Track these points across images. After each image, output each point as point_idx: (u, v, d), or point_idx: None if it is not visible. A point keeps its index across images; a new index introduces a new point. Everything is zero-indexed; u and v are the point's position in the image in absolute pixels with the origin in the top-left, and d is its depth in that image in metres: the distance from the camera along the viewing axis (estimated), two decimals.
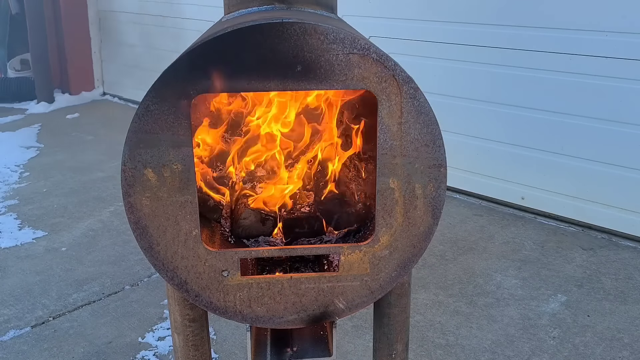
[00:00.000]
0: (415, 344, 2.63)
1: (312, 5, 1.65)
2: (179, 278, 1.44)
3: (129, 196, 1.37)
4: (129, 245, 3.58)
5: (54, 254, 3.51)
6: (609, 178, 3.57)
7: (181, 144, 1.35)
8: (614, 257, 3.38)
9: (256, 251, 1.51)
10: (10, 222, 3.92)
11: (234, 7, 1.70)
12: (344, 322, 2.79)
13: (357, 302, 1.51)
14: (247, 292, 1.47)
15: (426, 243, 1.48)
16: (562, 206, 3.80)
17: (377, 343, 1.69)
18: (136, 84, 6.72)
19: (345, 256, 1.46)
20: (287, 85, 1.33)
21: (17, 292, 3.12)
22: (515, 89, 3.86)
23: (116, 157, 5.07)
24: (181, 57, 1.31)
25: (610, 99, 3.47)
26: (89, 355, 2.63)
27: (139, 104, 1.32)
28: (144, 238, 1.41)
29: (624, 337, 2.69)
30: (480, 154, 4.12)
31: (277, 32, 1.29)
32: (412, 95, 1.36)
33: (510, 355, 2.58)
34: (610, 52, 3.41)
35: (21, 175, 4.77)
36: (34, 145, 5.56)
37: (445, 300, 2.99)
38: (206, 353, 1.64)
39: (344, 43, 1.31)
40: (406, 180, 1.42)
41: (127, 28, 6.85)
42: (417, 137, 1.39)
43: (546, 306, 2.93)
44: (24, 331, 2.80)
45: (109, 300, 3.06)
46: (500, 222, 3.85)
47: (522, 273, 3.23)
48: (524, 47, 3.75)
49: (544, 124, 3.78)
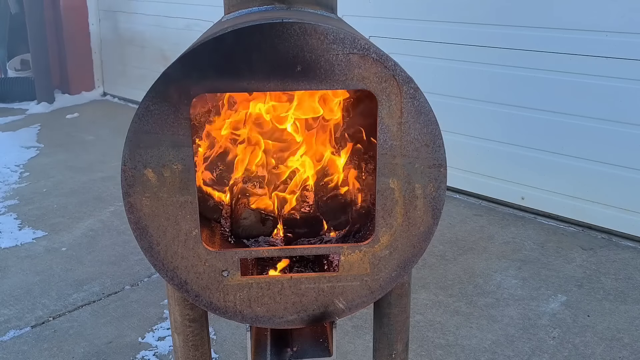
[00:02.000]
0: (415, 344, 2.63)
1: (312, 5, 1.65)
2: (179, 278, 1.44)
3: (129, 196, 1.37)
4: (129, 245, 3.58)
5: (54, 254, 3.51)
6: (609, 178, 3.57)
7: (181, 144, 1.35)
8: (614, 257, 3.38)
9: (256, 251, 1.51)
10: (10, 222, 3.92)
11: (234, 7, 1.70)
12: (344, 322, 2.79)
13: (357, 302, 1.51)
14: (247, 292, 1.47)
15: (426, 243, 1.48)
16: (562, 206, 3.80)
17: (377, 343, 1.69)
18: (136, 84, 6.72)
19: (345, 256, 1.46)
20: (287, 85, 1.33)
21: (17, 292, 3.13)
22: (515, 89, 3.86)
23: (116, 157, 5.07)
24: (181, 57, 1.31)
25: (610, 99, 3.47)
26: (89, 355, 2.63)
27: (139, 104, 1.32)
28: (144, 238, 1.41)
29: (624, 337, 2.69)
30: (480, 154, 4.12)
31: (277, 32, 1.29)
32: (412, 95, 1.36)
33: (510, 355, 2.58)
34: (610, 52, 3.41)
35: (21, 175, 4.78)
36: (34, 145, 5.56)
37: (445, 300, 2.99)
38: (206, 353, 1.64)
39: (344, 43, 1.31)
40: (406, 181, 1.42)
41: (127, 28, 6.85)
42: (417, 137, 1.39)
43: (546, 306, 2.93)
44: (24, 331, 2.80)
45: (109, 300, 3.06)
46: (500, 222, 3.85)
47: (522, 273, 3.23)
48: (523, 47, 3.75)
49: (543, 124, 3.78)
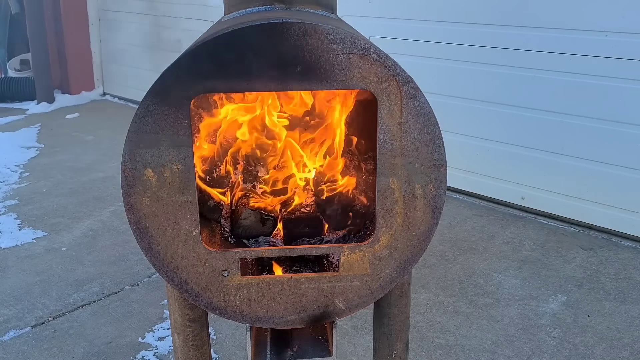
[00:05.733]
0: (415, 344, 2.63)
1: (312, 5, 1.65)
2: (179, 278, 1.44)
3: (129, 196, 1.37)
4: (129, 245, 3.58)
5: (54, 254, 3.51)
6: (609, 178, 3.57)
7: (181, 144, 1.35)
8: (614, 257, 3.38)
9: (256, 251, 1.51)
10: (10, 222, 3.92)
11: (234, 7, 1.70)
12: (344, 322, 2.79)
13: (357, 302, 1.51)
14: (247, 292, 1.47)
15: (426, 243, 1.48)
16: (562, 206, 3.80)
17: (377, 343, 1.69)
18: (136, 84, 6.72)
19: (345, 256, 1.46)
20: (287, 85, 1.33)
21: (17, 292, 3.12)
22: (515, 89, 3.86)
23: (116, 157, 5.08)
24: (181, 57, 1.31)
25: (610, 99, 3.47)
26: (89, 356, 2.63)
27: (139, 104, 1.32)
28: (144, 238, 1.41)
29: (624, 337, 2.69)
30: (480, 154, 4.12)
31: (277, 32, 1.29)
32: (412, 95, 1.36)
33: (510, 355, 2.58)
34: (610, 52, 3.41)
35: (21, 175, 4.77)
36: (34, 145, 5.55)
37: (445, 300, 2.99)
38: (206, 353, 1.64)
39: (344, 43, 1.31)
40: (406, 180, 1.42)
41: (127, 28, 6.85)
42: (417, 137, 1.39)
43: (546, 306, 2.93)
44: (24, 331, 2.80)
45: (109, 300, 3.06)
46: (500, 222, 3.85)
47: (522, 273, 3.23)
48: (524, 47, 3.75)
49: (544, 124, 3.78)
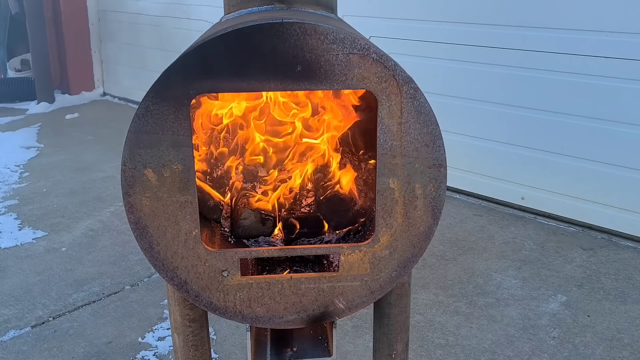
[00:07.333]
0: (415, 344, 2.63)
1: (312, 5, 1.65)
2: (179, 278, 1.44)
3: (129, 196, 1.37)
4: (129, 245, 3.58)
5: (54, 254, 3.51)
6: (609, 178, 3.57)
7: (181, 144, 1.35)
8: (614, 257, 3.38)
9: (256, 251, 1.51)
10: (10, 222, 3.92)
11: (234, 7, 1.70)
12: (344, 322, 2.79)
13: (357, 302, 1.50)
14: (247, 292, 1.47)
15: (426, 243, 1.48)
16: (562, 206, 3.80)
17: (377, 343, 1.69)
18: (136, 84, 6.72)
19: (345, 256, 1.46)
20: (287, 85, 1.33)
21: (17, 292, 3.12)
22: (515, 89, 3.86)
23: (116, 157, 5.07)
24: (181, 57, 1.31)
25: (610, 99, 3.47)
26: (89, 356, 2.63)
27: (139, 104, 1.32)
28: (144, 238, 1.41)
29: (624, 337, 2.69)
30: (480, 154, 4.12)
31: (277, 32, 1.29)
32: (412, 95, 1.36)
33: (510, 355, 2.58)
34: (610, 52, 3.41)
35: (21, 175, 4.77)
36: (34, 145, 5.55)
37: (445, 300, 2.99)
38: (206, 353, 1.64)
39: (344, 43, 1.31)
40: (406, 181, 1.42)
41: (127, 28, 6.85)
42: (417, 137, 1.39)
43: (546, 306, 2.93)
44: (24, 331, 2.80)
45: (109, 300, 3.06)
46: (500, 222, 3.85)
47: (522, 273, 3.23)
48: (523, 47, 3.75)
49: (544, 124, 3.78)
